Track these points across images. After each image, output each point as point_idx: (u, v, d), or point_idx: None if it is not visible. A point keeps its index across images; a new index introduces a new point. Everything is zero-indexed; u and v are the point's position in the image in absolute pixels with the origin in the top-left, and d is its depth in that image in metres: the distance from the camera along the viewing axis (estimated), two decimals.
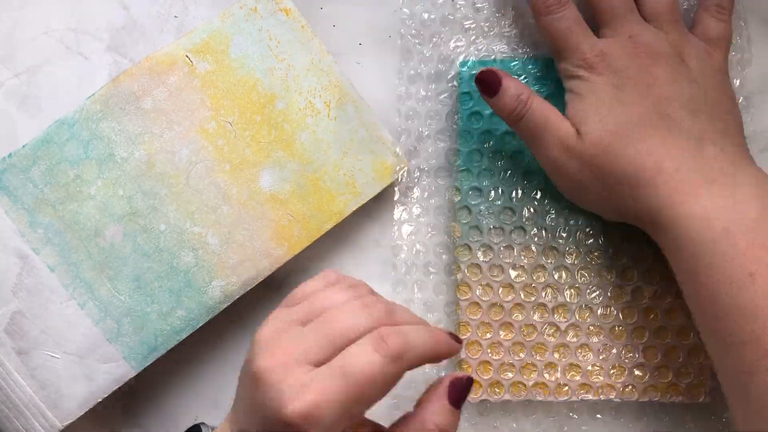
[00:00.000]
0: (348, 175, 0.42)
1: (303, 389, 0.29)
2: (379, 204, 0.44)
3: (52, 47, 0.41)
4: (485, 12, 0.44)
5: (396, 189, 0.44)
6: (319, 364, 0.31)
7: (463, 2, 0.44)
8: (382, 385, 0.31)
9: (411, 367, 0.32)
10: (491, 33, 0.44)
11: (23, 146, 0.40)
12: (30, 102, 0.40)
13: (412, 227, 0.44)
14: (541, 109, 0.40)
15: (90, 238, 0.40)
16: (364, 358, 0.30)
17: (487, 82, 0.40)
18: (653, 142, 0.38)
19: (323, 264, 0.44)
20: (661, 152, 0.37)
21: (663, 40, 0.39)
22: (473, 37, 0.44)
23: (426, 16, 0.44)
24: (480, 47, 0.44)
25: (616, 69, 0.39)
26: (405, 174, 0.44)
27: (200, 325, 0.41)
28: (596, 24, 0.41)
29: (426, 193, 0.45)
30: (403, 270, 0.44)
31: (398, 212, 0.44)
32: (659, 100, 0.38)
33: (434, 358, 0.33)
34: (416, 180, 0.45)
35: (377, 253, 0.45)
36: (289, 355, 0.30)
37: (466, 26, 0.44)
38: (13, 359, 0.39)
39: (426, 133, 0.45)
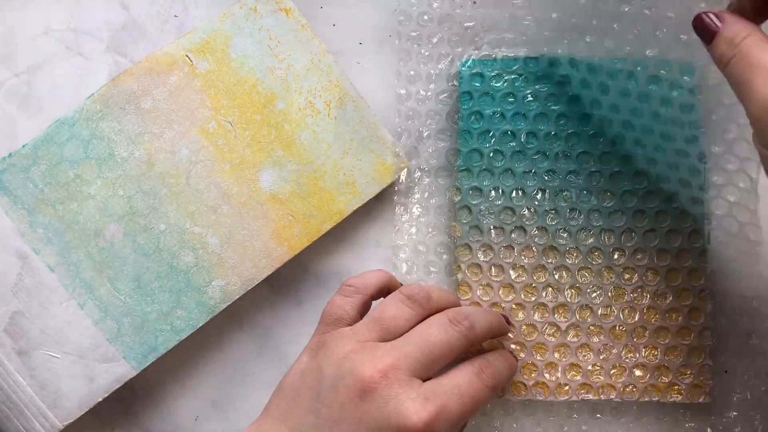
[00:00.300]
0: (348, 175, 0.42)
1: (425, 402, 0.33)
2: (379, 204, 0.44)
3: (52, 47, 0.41)
4: (485, 10, 0.44)
5: (396, 189, 0.44)
6: (422, 378, 0.35)
7: (469, 8, 0.44)
8: (481, 406, 0.36)
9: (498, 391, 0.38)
10: (491, 32, 0.44)
11: (23, 146, 0.40)
12: (30, 102, 0.40)
13: (413, 227, 0.44)
14: (753, 55, 0.32)
15: (90, 238, 0.40)
16: (473, 385, 0.35)
17: (704, 28, 0.34)
18: None
19: (323, 264, 0.44)
20: None
21: None
22: (473, 37, 0.44)
23: (426, 16, 0.44)
24: (480, 46, 0.44)
25: None
26: (405, 174, 0.44)
27: (200, 325, 0.41)
28: None
29: (426, 193, 0.45)
30: (404, 270, 0.44)
31: (398, 212, 0.44)
32: None
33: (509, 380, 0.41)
34: (416, 180, 0.45)
35: (377, 253, 0.45)
36: (400, 370, 0.34)
37: (466, 26, 0.44)
38: (14, 359, 0.39)
39: (426, 133, 0.45)
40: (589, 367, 0.42)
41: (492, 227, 0.43)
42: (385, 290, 0.40)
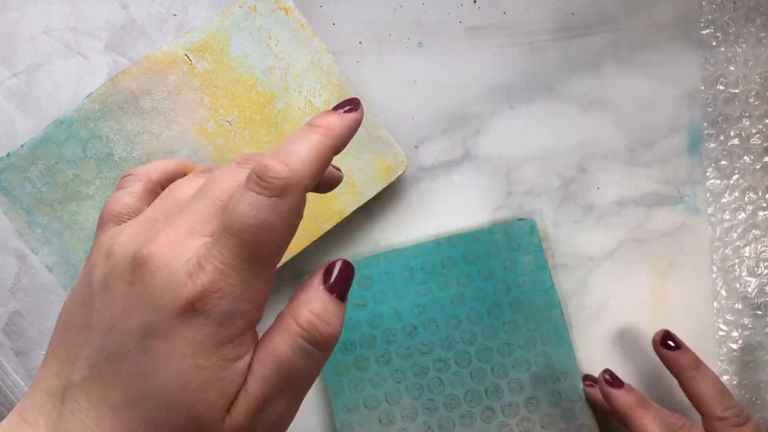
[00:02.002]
0: (348, 174, 0.42)
1: (200, 261, 0.25)
2: (379, 204, 0.44)
3: (52, 47, 0.41)
4: (484, 10, 0.44)
5: (396, 189, 0.44)
6: (211, 235, 0.25)
7: (468, 8, 0.44)
8: (284, 228, 0.25)
9: (310, 186, 0.26)
10: (492, 36, 0.44)
11: (22, 146, 0.40)
12: (29, 101, 0.40)
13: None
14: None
15: (89, 238, 0.40)
16: (249, 207, 0.24)
17: (667, 347, 0.41)
18: None
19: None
20: None
21: None
22: (473, 39, 0.44)
23: (425, 16, 0.44)
24: (477, 52, 0.44)
25: None
26: (405, 174, 0.44)
27: None
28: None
29: (425, 193, 0.44)
30: None
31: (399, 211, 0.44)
32: None
33: (337, 150, 0.27)
34: (417, 180, 0.44)
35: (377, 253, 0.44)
36: (177, 232, 0.25)
37: (469, 26, 0.44)
38: (12, 359, 0.39)
39: (428, 132, 0.44)
40: None
41: None
42: (179, 176, 0.32)
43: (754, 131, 0.44)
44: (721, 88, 0.44)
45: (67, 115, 0.40)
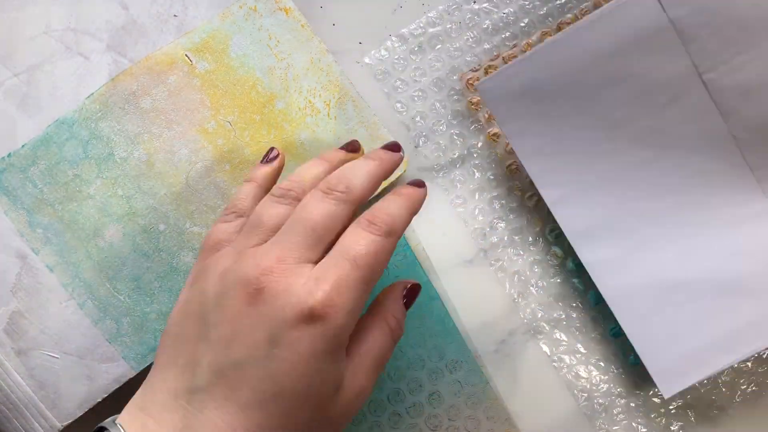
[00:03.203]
0: None
1: (318, 282, 0.30)
2: None
3: (52, 47, 0.41)
4: (486, 13, 0.44)
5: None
6: (315, 262, 0.31)
7: (467, 6, 0.44)
8: (384, 260, 0.32)
9: (401, 236, 0.33)
10: (492, 34, 0.44)
11: (23, 146, 0.40)
12: (29, 101, 0.40)
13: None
14: None
15: (89, 238, 0.40)
16: (363, 241, 0.31)
17: None
18: None
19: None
20: None
21: None
22: (473, 38, 0.44)
23: (427, 17, 0.44)
24: (478, 50, 0.44)
25: None
26: (405, 173, 0.44)
27: None
28: None
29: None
30: None
31: None
32: None
33: (416, 213, 0.35)
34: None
35: None
36: (287, 261, 0.31)
37: (469, 23, 0.44)
38: (13, 359, 0.39)
39: (424, 130, 0.44)
40: None
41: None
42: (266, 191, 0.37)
43: None
44: None
45: (68, 116, 0.40)
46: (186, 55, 0.41)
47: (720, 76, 0.40)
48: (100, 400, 0.40)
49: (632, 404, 0.43)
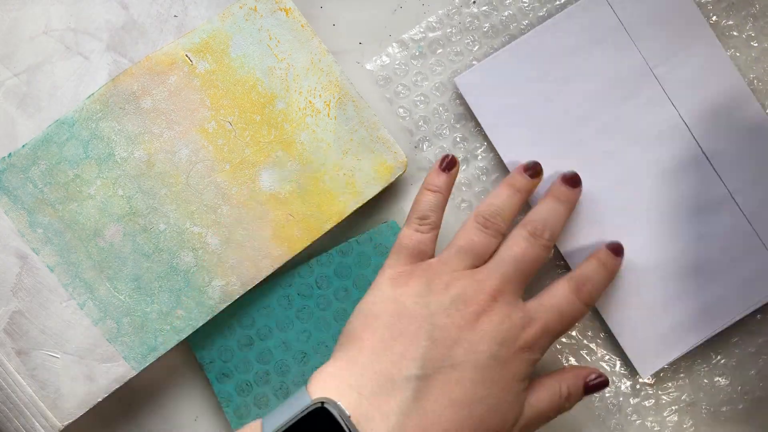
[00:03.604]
0: (348, 175, 0.42)
1: (530, 322, 0.37)
2: (379, 204, 0.44)
3: (52, 47, 0.41)
4: (485, 16, 0.44)
5: (396, 189, 0.44)
6: (520, 294, 0.38)
7: (467, 10, 0.44)
8: (575, 323, 0.38)
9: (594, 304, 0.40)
10: (492, 37, 0.44)
11: (23, 146, 0.40)
12: (29, 102, 0.40)
13: None
14: None
15: (90, 238, 0.40)
16: (571, 304, 0.38)
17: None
18: None
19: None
20: None
21: None
22: (473, 39, 0.44)
23: (429, 20, 0.44)
24: (479, 53, 0.44)
25: None
26: (405, 174, 0.44)
27: (200, 325, 0.41)
28: None
29: None
30: None
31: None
32: None
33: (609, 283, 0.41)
34: (417, 180, 0.45)
35: None
36: (503, 291, 0.37)
37: (469, 26, 0.44)
38: (13, 359, 0.39)
39: (427, 134, 0.45)
40: None
41: None
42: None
43: None
44: None
45: (68, 116, 0.40)
46: (186, 56, 0.41)
47: (670, 70, 0.43)
48: (100, 400, 0.40)
49: (645, 404, 0.43)
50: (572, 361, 0.43)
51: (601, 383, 0.39)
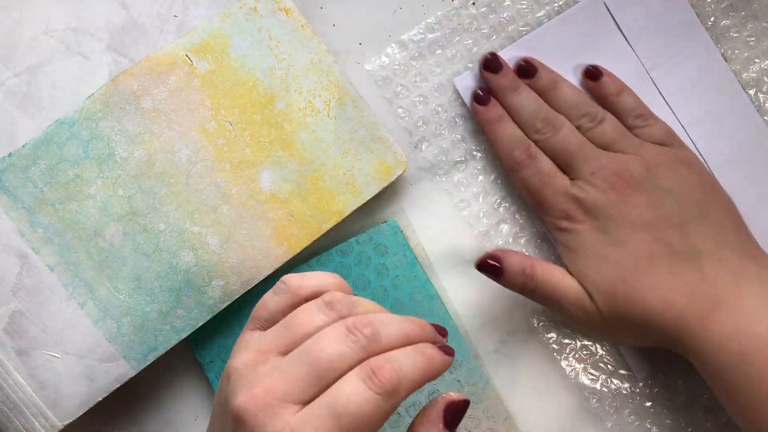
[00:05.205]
0: (348, 174, 0.42)
1: None
2: (379, 204, 0.44)
3: (52, 47, 0.41)
4: (484, 17, 0.44)
5: (396, 189, 0.44)
6: (305, 402, 0.29)
7: (466, 11, 0.44)
8: (377, 423, 0.29)
9: (406, 398, 0.30)
10: (491, 38, 0.44)
11: (23, 146, 0.40)
12: (30, 102, 0.40)
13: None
14: (548, 277, 0.39)
15: (90, 237, 0.40)
16: (356, 397, 0.28)
17: (488, 267, 0.40)
18: (652, 278, 0.38)
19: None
20: (662, 286, 0.37)
21: (626, 162, 0.39)
22: (472, 40, 0.44)
23: (428, 21, 0.45)
24: (477, 54, 0.44)
25: (594, 212, 0.39)
26: (405, 174, 0.44)
27: (200, 324, 0.41)
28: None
29: (426, 193, 0.45)
30: None
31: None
32: (647, 228, 0.38)
33: (430, 380, 0.31)
34: (417, 180, 0.45)
35: None
36: (272, 395, 0.28)
37: (468, 28, 0.45)
38: (13, 359, 0.39)
39: (426, 134, 0.45)
40: None
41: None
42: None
43: None
44: None
45: (69, 116, 0.40)
46: (186, 56, 0.41)
47: (666, 72, 0.44)
48: (100, 399, 0.40)
49: (644, 405, 0.43)
50: (572, 360, 0.43)
51: (457, 408, 0.32)
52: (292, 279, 0.33)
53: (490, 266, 0.40)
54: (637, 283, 0.37)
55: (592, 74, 0.42)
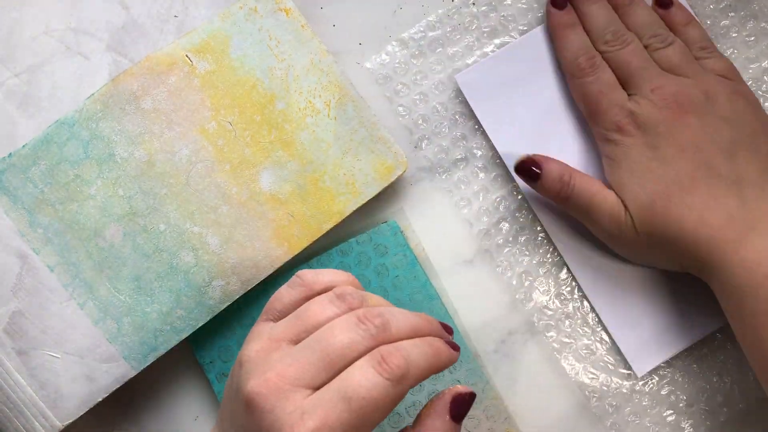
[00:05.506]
0: (348, 175, 0.42)
1: (303, 416, 0.28)
2: (379, 204, 0.44)
3: (52, 47, 0.41)
4: (485, 16, 0.44)
5: (396, 189, 0.44)
6: (316, 387, 0.30)
7: (466, 9, 0.44)
8: (385, 408, 0.29)
9: (413, 386, 0.30)
10: (491, 36, 0.44)
11: (23, 146, 0.40)
12: (30, 102, 0.40)
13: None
14: (586, 186, 0.40)
15: (90, 238, 0.40)
16: (366, 382, 0.29)
17: (527, 170, 0.41)
18: (693, 197, 0.38)
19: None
20: (701, 206, 0.37)
21: (686, 85, 0.40)
22: (472, 39, 0.44)
23: (429, 19, 0.45)
24: (479, 53, 0.44)
25: (646, 127, 0.39)
26: (405, 174, 0.44)
27: (200, 325, 0.41)
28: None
29: (426, 194, 0.45)
30: None
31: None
32: (695, 150, 0.38)
33: (436, 372, 0.32)
34: (417, 180, 0.45)
35: None
36: (284, 379, 0.29)
37: (468, 27, 0.45)
38: (13, 359, 0.39)
39: (426, 132, 0.45)
40: None
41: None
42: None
43: None
44: None
45: (69, 116, 0.40)
46: (186, 56, 0.41)
47: None
48: (100, 399, 0.40)
49: (644, 404, 0.43)
50: (572, 360, 0.43)
51: (463, 401, 0.33)
52: (307, 274, 0.34)
53: (529, 170, 0.40)
54: (677, 199, 0.38)
55: (663, 2, 0.43)
